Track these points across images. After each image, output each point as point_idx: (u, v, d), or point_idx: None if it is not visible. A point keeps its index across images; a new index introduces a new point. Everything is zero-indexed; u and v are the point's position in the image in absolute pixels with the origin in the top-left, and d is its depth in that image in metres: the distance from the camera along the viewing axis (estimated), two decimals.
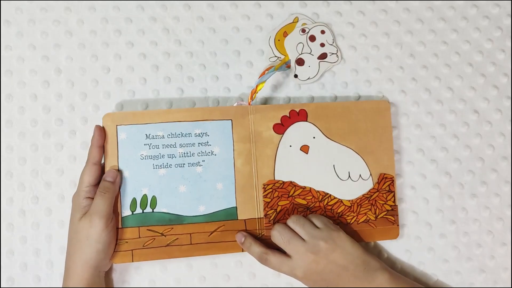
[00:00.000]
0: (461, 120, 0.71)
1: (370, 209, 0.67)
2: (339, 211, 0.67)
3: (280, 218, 0.66)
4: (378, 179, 0.68)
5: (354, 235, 0.67)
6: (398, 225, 0.68)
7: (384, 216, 0.68)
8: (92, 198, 0.63)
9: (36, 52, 0.71)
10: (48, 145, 0.70)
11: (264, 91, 0.70)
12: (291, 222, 0.64)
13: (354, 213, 0.67)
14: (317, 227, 0.63)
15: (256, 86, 0.67)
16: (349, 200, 0.67)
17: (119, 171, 0.64)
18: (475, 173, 0.70)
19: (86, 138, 0.64)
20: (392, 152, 0.68)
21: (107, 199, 0.61)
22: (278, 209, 0.66)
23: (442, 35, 0.72)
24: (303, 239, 0.63)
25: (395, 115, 0.71)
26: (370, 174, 0.68)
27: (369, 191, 0.68)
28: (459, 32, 0.72)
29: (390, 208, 0.68)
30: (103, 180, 0.63)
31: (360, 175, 0.67)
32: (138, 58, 0.71)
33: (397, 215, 0.68)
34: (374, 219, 0.67)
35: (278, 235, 0.63)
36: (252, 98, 0.67)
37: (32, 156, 0.69)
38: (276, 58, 0.72)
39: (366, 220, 0.67)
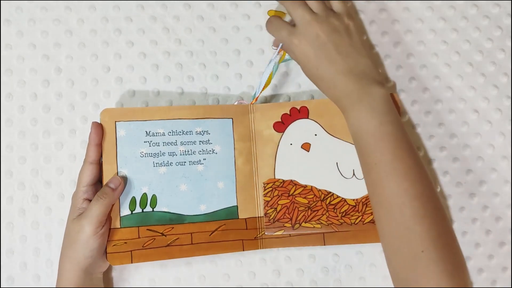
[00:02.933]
0: (461, 120, 0.71)
1: None
2: (342, 210, 0.66)
3: (280, 217, 0.66)
4: None
5: (360, 236, 0.66)
6: None
7: None
8: (90, 200, 0.62)
9: (36, 51, 0.71)
10: (48, 144, 0.70)
11: (264, 91, 0.70)
12: None
13: (359, 212, 0.66)
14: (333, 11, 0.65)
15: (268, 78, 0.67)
16: (353, 199, 0.66)
17: (123, 178, 0.64)
18: (475, 173, 0.70)
19: (86, 137, 0.64)
20: None
21: (102, 205, 0.61)
22: (278, 208, 0.66)
23: (442, 35, 0.72)
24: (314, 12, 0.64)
25: None
26: None
27: None
28: (459, 31, 0.72)
29: None
30: (105, 185, 0.63)
31: None
32: (138, 57, 0.71)
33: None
34: None
35: (290, 3, 0.65)
36: (260, 92, 0.68)
37: (32, 155, 0.69)
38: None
39: (372, 220, 0.66)
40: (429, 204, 0.57)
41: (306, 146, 0.67)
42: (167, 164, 0.65)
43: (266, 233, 0.66)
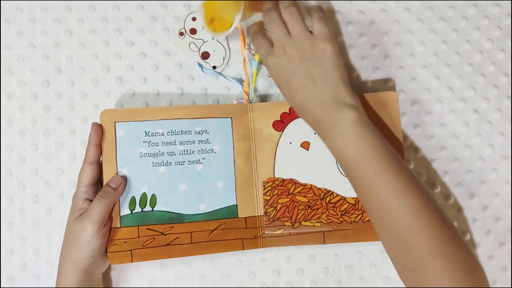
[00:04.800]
0: (461, 120, 0.71)
1: None
2: (342, 208, 0.66)
3: (280, 216, 0.66)
4: None
5: (361, 235, 0.66)
6: None
7: None
8: (91, 200, 0.62)
9: (36, 51, 0.71)
10: (48, 144, 0.70)
11: (263, 90, 0.71)
12: (284, 10, 0.63)
13: (359, 211, 0.66)
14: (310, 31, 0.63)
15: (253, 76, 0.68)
16: (353, 198, 0.66)
17: (124, 177, 0.64)
18: (475, 173, 0.70)
19: (86, 137, 0.64)
20: (401, 145, 0.66)
21: (103, 204, 0.61)
22: (278, 207, 0.66)
23: (442, 35, 0.72)
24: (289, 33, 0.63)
25: None
26: None
27: None
28: (459, 31, 0.72)
29: None
30: (106, 185, 0.63)
31: None
32: (138, 57, 0.71)
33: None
34: None
35: (268, 20, 0.64)
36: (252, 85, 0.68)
37: (32, 155, 0.70)
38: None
39: None
40: (423, 216, 0.56)
41: (305, 145, 0.67)
42: (166, 164, 0.65)
43: (266, 232, 0.66)
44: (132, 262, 0.63)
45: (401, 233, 0.56)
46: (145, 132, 0.65)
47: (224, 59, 0.72)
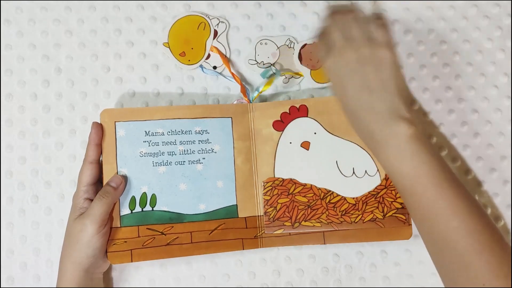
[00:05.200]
0: (461, 120, 0.71)
1: (377, 207, 0.66)
2: (342, 209, 0.66)
3: (280, 216, 0.66)
4: (386, 175, 0.66)
5: (361, 235, 0.66)
6: (410, 224, 0.65)
7: (394, 214, 0.65)
8: (91, 200, 0.62)
9: (36, 52, 0.71)
10: (48, 144, 0.70)
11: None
12: (348, 14, 0.62)
13: (359, 211, 0.66)
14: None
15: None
16: (353, 198, 0.66)
17: (124, 177, 0.64)
18: (475, 173, 0.70)
19: (86, 137, 0.64)
20: None
21: (104, 204, 0.61)
22: (278, 207, 0.66)
23: (442, 35, 0.72)
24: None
25: None
26: (377, 170, 0.66)
27: (376, 188, 0.66)
28: (459, 31, 0.72)
29: (400, 206, 0.65)
30: (106, 184, 0.63)
31: (365, 171, 0.66)
32: (138, 57, 0.71)
33: (408, 214, 0.65)
34: (382, 218, 0.65)
35: (331, 23, 0.62)
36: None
37: (32, 155, 0.70)
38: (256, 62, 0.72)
39: (373, 219, 0.66)
40: (483, 237, 0.54)
41: (305, 145, 0.67)
42: (166, 164, 0.65)
43: (266, 232, 0.66)
44: (132, 262, 0.63)
45: (461, 256, 0.54)
46: (145, 131, 0.65)
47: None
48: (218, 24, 0.72)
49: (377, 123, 0.58)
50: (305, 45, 0.71)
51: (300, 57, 0.71)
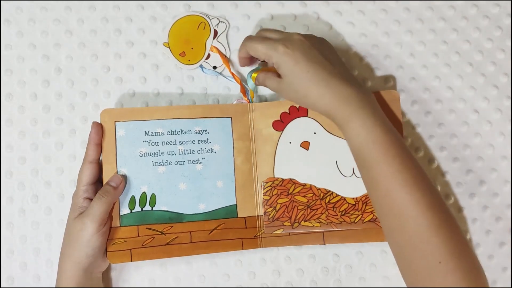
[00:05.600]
0: (461, 120, 0.71)
1: None
2: (342, 209, 0.66)
3: (280, 216, 0.66)
4: None
5: (360, 235, 0.66)
6: None
7: None
8: (91, 199, 0.62)
9: (36, 51, 0.71)
10: (48, 144, 0.70)
11: (263, 90, 0.71)
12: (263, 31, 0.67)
13: (359, 211, 0.66)
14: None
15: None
16: (353, 198, 0.66)
17: (124, 176, 0.64)
18: (475, 173, 0.70)
19: (86, 137, 0.64)
20: None
21: (104, 203, 0.61)
22: (278, 207, 0.66)
23: (442, 35, 0.72)
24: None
25: None
26: None
27: None
28: (459, 31, 0.72)
29: None
30: (106, 183, 0.63)
31: None
32: (138, 57, 0.71)
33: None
34: None
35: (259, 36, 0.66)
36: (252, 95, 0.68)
37: (32, 155, 0.70)
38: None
39: (372, 219, 0.66)
40: (442, 214, 0.55)
41: (305, 145, 0.67)
42: (166, 164, 0.65)
43: (265, 232, 0.66)
44: (131, 261, 0.63)
45: (420, 231, 0.55)
46: (145, 131, 0.65)
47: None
48: (218, 24, 0.72)
49: (352, 88, 0.59)
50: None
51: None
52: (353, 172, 0.66)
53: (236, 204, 0.66)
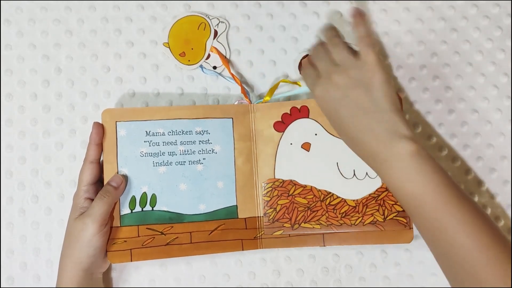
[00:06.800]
0: (461, 120, 0.71)
1: (378, 210, 0.65)
2: (342, 211, 0.66)
3: (280, 217, 0.66)
4: None
5: (361, 237, 0.65)
6: (411, 228, 0.65)
7: (394, 217, 0.65)
8: (92, 199, 0.62)
9: (36, 51, 0.71)
10: (48, 144, 0.70)
11: (263, 90, 0.71)
12: (328, 41, 0.65)
13: (359, 213, 0.66)
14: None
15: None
16: (353, 200, 0.66)
17: (124, 176, 0.64)
18: (475, 173, 0.70)
19: (86, 137, 0.64)
20: None
21: (105, 203, 0.61)
22: (278, 208, 0.66)
23: (442, 35, 0.72)
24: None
25: None
26: None
27: (376, 190, 0.66)
28: (459, 31, 0.72)
29: (401, 209, 0.65)
30: (107, 183, 0.63)
31: (366, 173, 0.66)
32: (138, 57, 0.71)
33: (409, 217, 0.64)
34: (383, 220, 0.65)
35: (314, 53, 0.65)
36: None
37: (32, 155, 0.70)
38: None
39: (373, 221, 0.65)
40: (491, 252, 0.53)
41: (306, 146, 0.67)
42: (167, 164, 0.65)
43: (265, 233, 0.66)
44: (131, 261, 0.63)
45: (470, 268, 0.54)
46: (146, 131, 0.65)
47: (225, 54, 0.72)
48: (218, 24, 0.72)
49: (378, 145, 0.58)
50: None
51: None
52: (354, 174, 0.66)
53: (236, 205, 0.66)
